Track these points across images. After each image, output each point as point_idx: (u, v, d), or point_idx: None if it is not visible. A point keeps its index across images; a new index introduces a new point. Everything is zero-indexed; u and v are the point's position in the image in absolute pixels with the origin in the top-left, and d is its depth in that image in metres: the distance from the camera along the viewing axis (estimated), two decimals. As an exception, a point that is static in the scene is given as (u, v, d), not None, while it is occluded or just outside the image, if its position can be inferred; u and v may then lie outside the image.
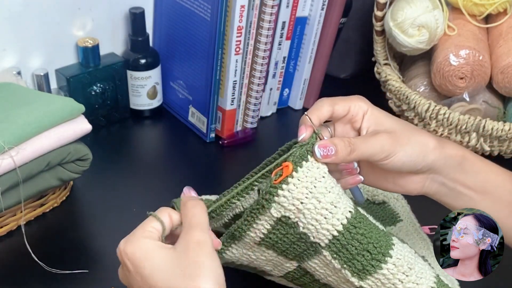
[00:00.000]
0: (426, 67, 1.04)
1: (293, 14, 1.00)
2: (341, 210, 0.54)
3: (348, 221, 0.54)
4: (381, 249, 0.55)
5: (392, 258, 0.55)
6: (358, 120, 0.59)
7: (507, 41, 0.96)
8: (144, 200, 0.86)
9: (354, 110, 0.59)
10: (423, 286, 0.55)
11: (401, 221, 0.81)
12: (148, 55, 1.02)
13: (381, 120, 0.59)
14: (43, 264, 0.73)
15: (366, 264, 0.55)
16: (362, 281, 0.55)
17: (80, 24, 1.00)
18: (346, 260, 0.55)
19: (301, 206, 0.53)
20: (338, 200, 0.54)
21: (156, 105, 1.06)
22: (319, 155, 0.54)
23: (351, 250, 0.54)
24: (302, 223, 0.54)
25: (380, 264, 0.54)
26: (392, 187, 0.61)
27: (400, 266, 0.55)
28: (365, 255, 0.54)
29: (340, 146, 0.55)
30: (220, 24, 0.92)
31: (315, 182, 0.53)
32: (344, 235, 0.54)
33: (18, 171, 0.73)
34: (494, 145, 0.95)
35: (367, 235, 0.54)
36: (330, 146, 0.54)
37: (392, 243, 0.56)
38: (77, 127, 0.79)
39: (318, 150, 0.54)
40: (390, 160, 0.56)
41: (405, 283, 0.55)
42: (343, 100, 0.59)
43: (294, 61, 1.08)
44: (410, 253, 0.57)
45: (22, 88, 0.86)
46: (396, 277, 0.55)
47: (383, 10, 1.00)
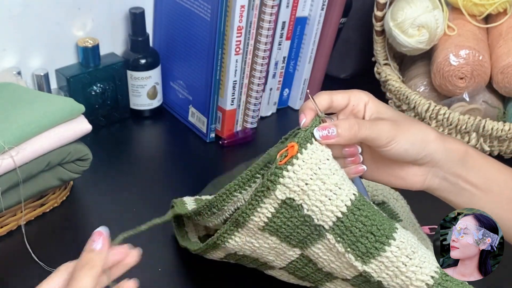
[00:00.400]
0: (426, 67, 1.04)
1: (293, 14, 1.00)
2: (345, 192, 0.54)
3: (352, 203, 0.54)
4: (384, 231, 0.55)
5: (396, 241, 0.55)
6: (360, 111, 0.60)
7: (507, 41, 0.96)
8: (144, 200, 0.86)
9: (355, 101, 0.59)
10: (427, 270, 0.55)
11: (401, 221, 0.81)
12: (148, 55, 1.02)
13: (382, 110, 0.59)
14: (43, 264, 0.73)
15: (370, 246, 0.54)
16: (366, 265, 0.55)
17: (80, 24, 1.00)
18: (350, 243, 0.55)
19: (305, 188, 0.53)
20: (342, 182, 0.54)
21: (156, 105, 1.06)
22: (318, 136, 0.55)
23: (355, 232, 0.54)
24: (306, 205, 0.54)
25: (383, 247, 0.54)
26: (393, 181, 0.62)
27: (403, 249, 0.55)
28: (369, 237, 0.54)
29: (344, 126, 0.55)
30: (220, 24, 0.92)
31: (319, 164, 0.54)
32: (348, 217, 0.54)
33: (18, 171, 0.73)
34: (494, 145, 0.95)
35: (371, 217, 0.54)
36: (330, 127, 0.55)
37: (395, 227, 0.56)
38: (77, 127, 0.79)
39: (318, 132, 0.55)
40: (392, 146, 0.57)
41: (409, 266, 0.55)
42: (342, 91, 0.60)
43: (294, 61, 1.08)
44: (413, 238, 0.57)
45: (22, 88, 0.86)
46: (400, 260, 0.55)
47: (383, 10, 1.00)
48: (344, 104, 0.60)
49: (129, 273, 0.74)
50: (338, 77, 1.21)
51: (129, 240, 0.79)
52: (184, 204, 0.75)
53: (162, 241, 0.79)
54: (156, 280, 0.73)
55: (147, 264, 0.75)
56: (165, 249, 0.78)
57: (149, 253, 0.77)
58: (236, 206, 0.62)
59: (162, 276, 0.74)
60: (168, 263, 0.76)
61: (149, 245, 0.78)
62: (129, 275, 0.74)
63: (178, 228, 0.77)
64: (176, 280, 0.74)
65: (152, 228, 0.81)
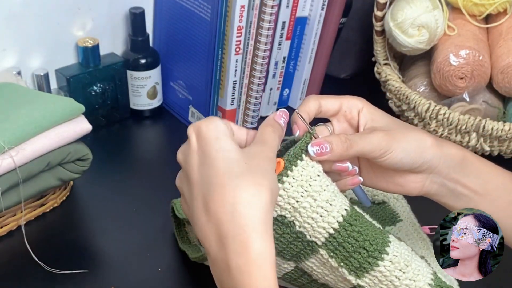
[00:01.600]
0: (426, 67, 1.04)
1: (293, 14, 1.00)
2: (337, 208, 0.54)
3: (344, 218, 0.54)
4: (377, 246, 0.55)
5: (389, 255, 0.55)
6: (354, 118, 0.59)
7: (507, 41, 0.96)
8: (144, 200, 0.86)
9: (347, 107, 0.59)
10: (420, 283, 0.56)
11: (401, 221, 0.81)
12: (148, 55, 1.02)
13: (377, 117, 0.59)
14: (43, 264, 0.73)
15: (363, 261, 0.55)
16: (359, 279, 0.56)
17: (80, 24, 1.00)
18: (342, 258, 0.55)
19: (296, 205, 0.53)
20: (333, 198, 0.54)
21: (156, 105, 1.06)
22: (313, 153, 0.54)
23: (348, 248, 0.54)
24: (298, 221, 0.54)
25: (376, 261, 0.55)
26: (392, 187, 0.61)
27: (397, 263, 0.55)
28: (362, 252, 0.55)
29: (336, 142, 0.55)
30: (220, 24, 0.92)
31: (310, 180, 0.54)
32: (340, 233, 0.54)
33: (18, 171, 0.73)
34: (494, 145, 0.95)
35: (363, 233, 0.55)
36: (324, 143, 0.55)
37: (388, 240, 0.56)
38: (77, 127, 0.79)
39: (312, 148, 0.54)
40: (387, 157, 0.56)
41: (402, 280, 0.55)
42: (333, 96, 0.59)
43: (294, 61, 1.08)
44: (407, 250, 0.57)
45: (22, 88, 0.86)
46: (393, 274, 0.55)
47: (383, 10, 1.00)
48: (334, 110, 0.59)
49: (129, 273, 0.74)
50: (338, 77, 1.21)
51: (129, 240, 0.79)
52: None
53: (162, 241, 0.79)
54: (156, 280, 0.73)
55: (147, 264, 0.75)
56: (165, 249, 0.78)
57: (149, 253, 0.77)
58: None
59: (162, 276, 0.74)
60: (168, 263, 0.76)
61: (149, 245, 0.79)
62: (129, 275, 0.74)
63: (178, 229, 0.77)
64: (176, 280, 0.74)
65: (152, 228, 0.81)
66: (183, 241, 0.76)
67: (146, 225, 0.81)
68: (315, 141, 0.55)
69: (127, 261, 0.76)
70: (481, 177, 0.59)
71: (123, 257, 0.76)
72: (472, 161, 0.59)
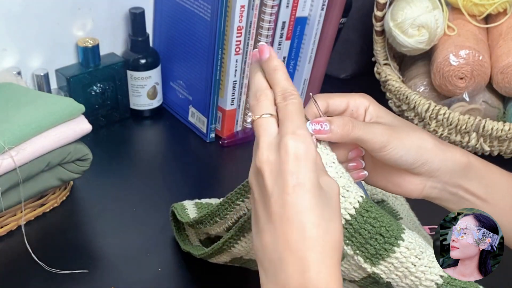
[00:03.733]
0: (426, 67, 1.04)
1: (293, 14, 1.00)
2: (353, 194, 0.54)
3: (360, 205, 0.54)
4: (393, 232, 0.54)
5: (405, 242, 0.54)
6: (360, 116, 0.59)
7: (507, 41, 0.96)
8: (144, 200, 0.86)
9: (354, 105, 0.58)
10: (436, 269, 0.55)
11: (401, 219, 0.81)
12: (148, 55, 1.02)
13: (382, 115, 0.59)
14: (43, 264, 0.73)
15: (379, 248, 0.54)
16: (375, 266, 0.55)
17: (80, 24, 1.00)
18: (358, 246, 0.55)
19: None
20: (349, 184, 0.54)
21: (156, 105, 1.06)
22: (311, 129, 0.53)
23: (364, 234, 0.54)
24: None
25: (393, 248, 0.54)
26: (391, 187, 0.61)
27: (412, 250, 0.54)
28: (378, 238, 0.54)
29: (338, 123, 0.54)
30: (220, 24, 0.92)
31: (326, 167, 0.53)
32: (356, 219, 0.54)
33: (18, 171, 0.73)
34: (494, 145, 0.95)
35: (379, 219, 0.54)
36: (324, 121, 0.54)
37: (402, 227, 0.55)
38: (77, 127, 0.79)
39: (311, 126, 0.54)
40: (387, 152, 0.56)
41: (418, 266, 0.55)
42: (340, 95, 0.59)
43: (294, 61, 1.08)
44: (420, 238, 0.57)
45: (22, 88, 0.86)
46: (409, 261, 0.54)
47: (383, 10, 1.00)
48: (342, 108, 0.58)
49: (129, 273, 0.74)
50: (338, 77, 1.21)
51: (129, 240, 0.79)
52: (184, 209, 0.74)
53: (162, 241, 0.79)
54: (156, 280, 0.73)
55: (147, 264, 0.75)
56: (165, 249, 0.78)
57: (149, 253, 0.77)
58: (239, 214, 0.62)
59: (162, 276, 0.74)
60: (168, 263, 0.76)
61: (149, 245, 0.79)
62: (129, 275, 0.74)
63: (178, 233, 0.77)
64: (176, 280, 0.74)
65: (152, 228, 0.81)
66: (185, 244, 0.76)
67: (146, 225, 0.81)
68: (316, 119, 0.54)
69: (127, 261, 0.76)
70: (484, 182, 0.58)
71: (123, 257, 0.76)
72: (476, 166, 0.58)
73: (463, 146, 0.96)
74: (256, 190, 0.50)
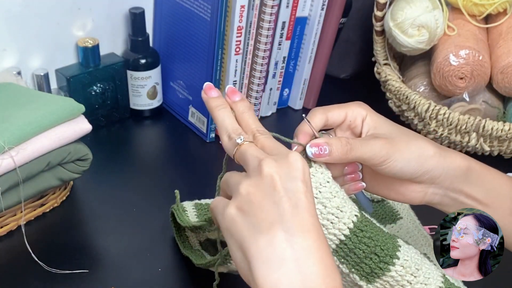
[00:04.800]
0: (426, 67, 1.04)
1: (293, 14, 1.00)
2: (347, 214, 0.54)
3: (355, 225, 0.54)
4: (388, 251, 0.54)
5: (400, 260, 0.55)
6: (357, 126, 0.59)
7: (507, 41, 0.96)
8: (144, 200, 0.86)
9: (352, 116, 0.58)
10: (431, 286, 0.55)
11: (401, 218, 0.81)
12: (148, 55, 1.02)
13: (380, 125, 0.58)
14: (43, 264, 0.73)
15: (374, 267, 0.54)
16: (371, 284, 0.55)
17: (80, 24, 1.00)
18: (354, 264, 0.55)
19: None
20: (343, 204, 0.54)
21: (156, 105, 1.06)
22: (311, 154, 0.54)
23: (359, 254, 0.54)
24: None
25: (388, 267, 0.54)
26: (393, 195, 0.61)
27: (408, 268, 0.55)
28: (373, 258, 0.54)
29: (336, 145, 0.54)
30: (220, 24, 0.92)
31: (320, 187, 0.53)
32: (351, 239, 0.54)
33: (18, 171, 0.73)
34: (494, 145, 0.95)
35: (374, 238, 0.54)
36: (323, 145, 0.54)
37: (398, 245, 0.55)
38: (77, 127, 0.79)
39: (310, 149, 0.54)
40: (387, 165, 0.56)
41: (414, 284, 0.55)
42: (338, 107, 0.59)
43: (294, 61, 1.08)
44: (416, 254, 0.57)
45: (22, 88, 0.86)
46: (405, 279, 0.55)
47: (383, 10, 1.00)
48: (340, 120, 0.58)
49: (129, 273, 0.74)
50: (338, 77, 1.21)
51: (129, 240, 0.79)
52: (184, 211, 0.74)
53: (162, 241, 0.79)
54: (156, 280, 0.73)
55: (147, 264, 0.75)
56: (165, 249, 0.78)
57: (149, 253, 0.77)
58: None
59: (162, 276, 0.74)
60: (168, 263, 0.76)
61: (149, 245, 0.79)
62: (129, 275, 0.74)
63: (178, 234, 0.77)
64: (176, 280, 0.74)
65: (152, 228, 0.81)
66: (184, 246, 0.76)
67: (146, 225, 0.81)
68: (314, 142, 0.54)
69: (127, 261, 0.76)
70: (485, 186, 0.58)
71: (123, 257, 0.76)
72: (476, 171, 0.58)
73: (463, 146, 0.96)
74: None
